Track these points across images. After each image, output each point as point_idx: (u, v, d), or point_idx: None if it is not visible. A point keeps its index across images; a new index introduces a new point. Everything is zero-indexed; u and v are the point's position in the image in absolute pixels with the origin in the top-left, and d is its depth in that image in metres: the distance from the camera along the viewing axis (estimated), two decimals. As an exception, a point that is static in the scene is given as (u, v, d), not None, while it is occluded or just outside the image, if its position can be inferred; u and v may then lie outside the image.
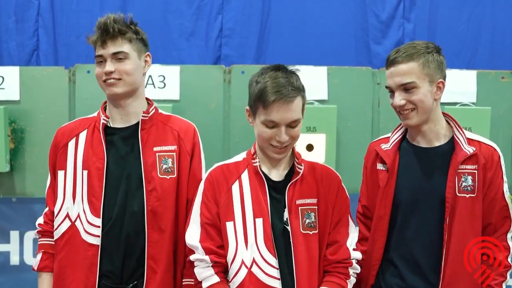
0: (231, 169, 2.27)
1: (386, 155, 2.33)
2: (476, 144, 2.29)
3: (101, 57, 2.34)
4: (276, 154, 2.20)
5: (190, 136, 2.45)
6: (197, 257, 2.20)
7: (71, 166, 2.40)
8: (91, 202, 2.34)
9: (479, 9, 4.35)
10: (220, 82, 3.90)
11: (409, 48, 2.25)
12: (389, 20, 4.42)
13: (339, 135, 3.87)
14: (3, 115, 3.72)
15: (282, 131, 2.13)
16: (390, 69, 2.27)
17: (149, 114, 2.41)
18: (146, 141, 2.37)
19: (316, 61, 4.12)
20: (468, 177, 2.26)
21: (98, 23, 2.34)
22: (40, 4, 4.29)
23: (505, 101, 3.91)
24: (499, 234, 2.32)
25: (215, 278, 2.17)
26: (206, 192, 2.25)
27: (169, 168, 2.37)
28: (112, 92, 2.35)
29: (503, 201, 2.31)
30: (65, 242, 2.37)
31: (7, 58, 4.32)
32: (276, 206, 2.20)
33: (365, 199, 2.45)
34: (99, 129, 2.38)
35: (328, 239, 2.24)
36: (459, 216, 2.24)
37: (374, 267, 2.36)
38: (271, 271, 2.15)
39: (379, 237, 2.34)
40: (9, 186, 3.90)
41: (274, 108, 2.10)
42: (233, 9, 4.35)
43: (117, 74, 2.33)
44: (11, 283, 3.82)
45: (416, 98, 2.23)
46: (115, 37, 2.33)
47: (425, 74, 2.23)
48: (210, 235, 2.21)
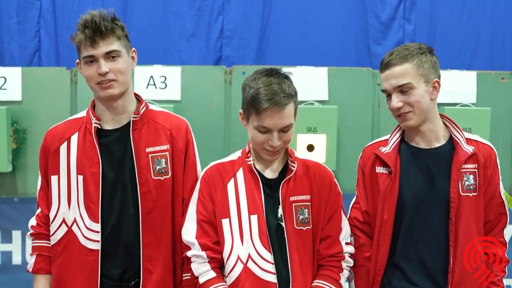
0: (226, 167, 2.32)
1: (388, 158, 2.33)
2: (474, 143, 2.31)
3: (92, 58, 2.24)
4: (269, 157, 2.24)
5: (183, 133, 2.40)
6: (194, 253, 2.25)
7: (64, 171, 2.35)
8: (88, 207, 2.31)
9: (479, 10, 4.36)
10: (221, 82, 3.91)
11: (402, 50, 2.26)
12: (390, 21, 4.43)
13: (339, 136, 3.88)
14: (5, 116, 3.74)
15: (275, 136, 2.16)
16: (385, 72, 2.27)
17: (140, 113, 2.34)
18: (138, 142, 2.33)
19: (317, 62, 4.13)
20: (470, 176, 2.28)
21: (84, 21, 2.23)
22: (42, 5, 4.30)
23: (505, 101, 3.92)
24: (497, 231, 2.35)
25: (211, 273, 2.22)
26: (202, 190, 2.29)
27: (163, 169, 2.34)
28: (108, 94, 2.27)
29: (499, 198, 2.34)
30: (63, 247, 2.35)
31: (9, 59, 4.33)
32: (270, 203, 2.24)
33: (365, 205, 2.41)
34: (91, 132, 2.32)
35: (322, 234, 2.29)
36: (464, 215, 2.26)
37: (379, 273, 2.34)
38: (267, 266, 2.20)
39: (383, 242, 2.33)
40: (11, 186, 3.92)
41: (267, 115, 2.13)
42: (233, 10, 4.36)
43: (111, 75, 2.24)
44: (13, 283, 3.83)
45: (413, 100, 2.24)
46: (107, 36, 2.23)
47: (420, 75, 2.24)
48: (206, 231, 2.25)
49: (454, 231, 2.25)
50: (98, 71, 2.24)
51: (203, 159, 2.46)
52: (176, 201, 2.38)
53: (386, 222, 2.32)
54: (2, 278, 3.84)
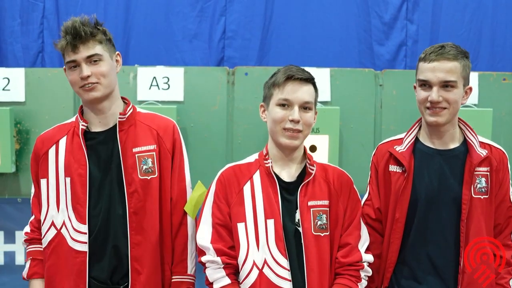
0: (242, 169, 2.28)
1: (402, 157, 2.33)
2: (487, 147, 2.34)
3: (74, 62, 2.29)
4: (287, 140, 2.20)
5: (170, 133, 2.41)
6: (208, 259, 2.21)
7: (53, 173, 2.37)
8: (75, 209, 2.32)
9: (480, 12, 4.36)
10: (223, 83, 3.92)
11: (453, 47, 2.27)
12: (392, 21, 4.43)
13: (341, 136, 3.88)
14: (9, 116, 3.75)
15: (295, 109, 2.17)
16: (432, 64, 2.26)
17: (126, 114, 2.37)
18: (124, 142, 2.34)
19: (319, 63, 4.14)
20: (482, 179, 2.30)
21: (65, 27, 2.29)
22: (45, 7, 4.31)
23: (507, 102, 3.92)
24: (505, 234, 2.38)
25: (226, 280, 2.19)
26: (218, 192, 2.26)
27: (150, 169, 2.35)
28: (91, 97, 2.31)
29: (509, 202, 2.37)
30: (52, 250, 2.36)
31: (12, 60, 4.34)
32: (288, 207, 2.21)
33: (377, 202, 2.42)
34: (79, 135, 2.34)
35: (340, 241, 2.24)
36: (475, 217, 2.28)
37: (388, 270, 2.36)
38: (282, 273, 2.16)
39: (394, 239, 2.34)
40: (15, 186, 3.92)
41: (287, 86, 2.18)
42: (236, 11, 4.37)
43: (94, 78, 2.28)
44: (16, 283, 3.83)
45: (452, 98, 2.25)
46: (87, 40, 2.28)
47: (462, 77, 2.27)
48: (222, 235, 2.22)
49: (465, 232, 2.27)
50: (80, 75, 2.28)
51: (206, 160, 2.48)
52: (164, 201, 2.38)
53: (397, 220, 2.33)
54: (6, 278, 3.86)
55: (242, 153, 2.38)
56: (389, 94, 3.93)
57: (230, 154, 3.81)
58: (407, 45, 4.44)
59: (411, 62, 4.37)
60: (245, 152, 2.36)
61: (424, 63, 2.28)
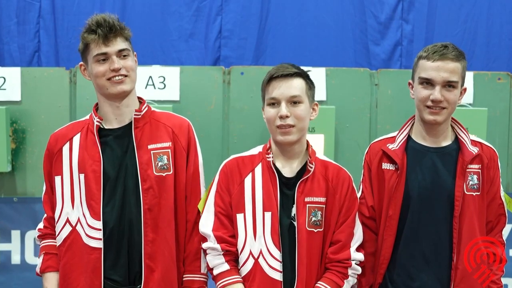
0: (245, 161, 2.32)
1: (395, 154, 2.35)
2: (478, 145, 2.35)
3: (104, 55, 2.30)
4: (281, 136, 2.23)
5: (185, 131, 2.43)
6: (209, 245, 2.27)
7: (67, 170, 2.37)
8: (90, 205, 2.32)
9: (475, 12, 4.38)
10: (219, 83, 3.93)
11: (455, 48, 2.29)
12: (388, 21, 4.45)
13: (337, 136, 3.90)
14: (5, 116, 3.75)
15: (282, 105, 2.20)
16: (437, 63, 2.26)
17: (142, 112, 2.39)
18: (140, 139, 2.36)
19: (315, 62, 4.15)
20: (474, 176, 2.32)
21: (96, 21, 2.30)
22: (42, 6, 4.32)
23: (501, 102, 3.95)
24: (496, 231, 2.39)
25: (226, 266, 2.25)
26: (221, 182, 2.31)
27: (165, 165, 2.36)
28: (120, 90, 2.32)
29: (500, 200, 2.39)
30: (68, 247, 2.36)
31: (8, 59, 4.35)
32: (286, 202, 2.25)
33: (371, 200, 2.43)
34: (93, 131, 2.35)
35: (332, 238, 2.28)
36: (468, 213, 2.30)
37: (382, 266, 2.37)
38: (275, 264, 2.22)
39: (387, 236, 2.35)
40: (11, 186, 3.93)
41: (272, 85, 2.22)
42: (232, 10, 4.38)
43: (124, 71, 2.31)
44: (12, 282, 3.84)
45: (453, 98, 2.27)
46: (119, 34, 2.32)
47: (461, 78, 2.29)
48: (223, 224, 2.28)
49: (458, 229, 2.29)
50: (111, 67, 2.30)
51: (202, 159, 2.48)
52: (179, 199, 2.39)
53: (391, 217, 2.35)
54: (1, 277, 3.85)
55: (237, 152, 2.39)
56: (384, 93, 3.94)
57: (226, 153, 3.81)
58: (402, 45, 4.47)
59: (406, 61, 4.39)
60: (241, 151, 2.37)
61: (427, 61, 2.28)
